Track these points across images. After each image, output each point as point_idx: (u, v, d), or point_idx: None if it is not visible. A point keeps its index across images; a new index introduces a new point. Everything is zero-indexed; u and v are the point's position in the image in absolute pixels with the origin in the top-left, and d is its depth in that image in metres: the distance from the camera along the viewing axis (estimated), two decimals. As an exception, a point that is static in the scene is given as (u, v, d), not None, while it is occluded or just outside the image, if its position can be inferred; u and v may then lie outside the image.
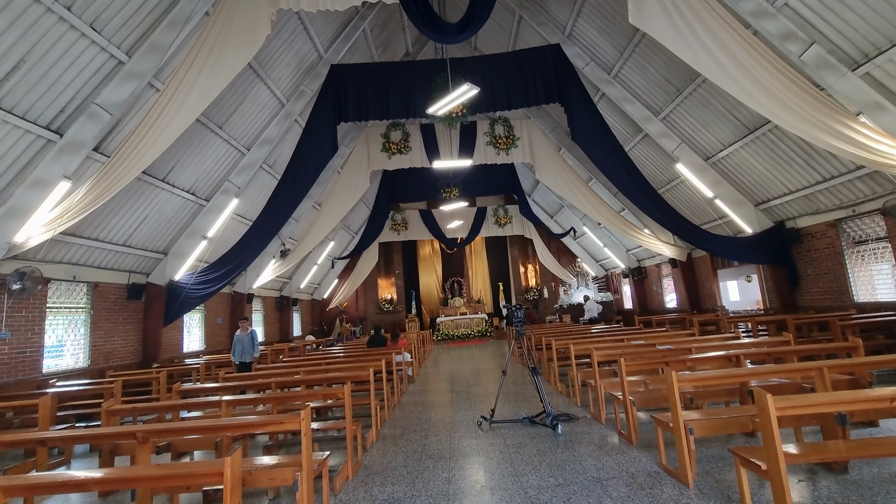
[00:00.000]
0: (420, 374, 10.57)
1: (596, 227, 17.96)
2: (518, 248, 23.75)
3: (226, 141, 9.84)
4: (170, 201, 9.53)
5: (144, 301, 10.07)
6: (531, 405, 6.35)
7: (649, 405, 4.47)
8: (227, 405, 3.99)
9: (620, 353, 4.76)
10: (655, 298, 16.89)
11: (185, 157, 9.14)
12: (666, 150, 10.54)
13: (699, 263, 13.78)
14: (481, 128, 14.27)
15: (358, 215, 19.54)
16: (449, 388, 8.40)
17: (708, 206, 10.65)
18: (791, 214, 9.68)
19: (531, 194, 20.19)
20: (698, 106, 9.46)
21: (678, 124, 10.28)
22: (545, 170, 13.84)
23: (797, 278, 9.72)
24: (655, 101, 10.28)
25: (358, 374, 5.29)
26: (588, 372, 6.13)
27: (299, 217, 14.62)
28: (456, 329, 20.89)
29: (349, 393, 4.05)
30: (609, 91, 10.71)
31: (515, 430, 5.17)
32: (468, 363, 12.27)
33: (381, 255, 22.15)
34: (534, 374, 5.30)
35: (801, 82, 6.14)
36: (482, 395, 7.52)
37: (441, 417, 6.11)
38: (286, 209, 10.22)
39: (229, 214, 10.75)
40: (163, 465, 2.18)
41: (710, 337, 6.16)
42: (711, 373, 3.47)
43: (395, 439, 5.19)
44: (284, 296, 17.88)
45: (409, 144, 14.18)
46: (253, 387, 5.45)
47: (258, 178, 11.52)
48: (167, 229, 10.02)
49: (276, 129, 10.75)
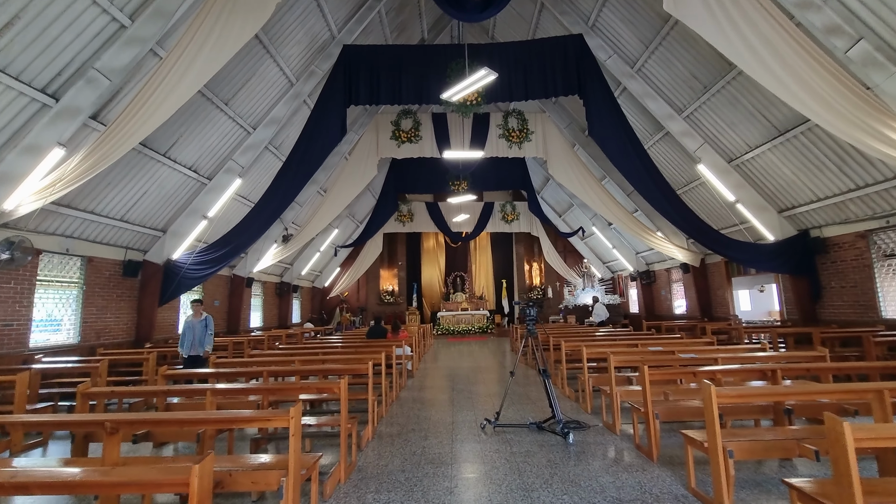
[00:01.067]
0: (420, 369, 10.24)
1: (605, 227, 17.55)
2: (524, 246, 23.35)
3: (231, 118, 9.48)
4: (171, 177, 9.20)
5: (140, 279, 9.76)
6: (538, 409, 6.00)
7: (671, 418, 4.10)
8: (212, 395, 3.66)
9: (640, 360, 4.39)
10: (663, 303, 16.48)
11: (188, 132, 8.79)
12: (687, 149, 10.11)
13: (713, 270, 13.36)
14: (494, 120, 13.85)
15: (364, 204, 19.19)
16: (449, 386, 8.06)
17: (728, 211, 10.22)
18: (817, 223, 9.25)
19: (540, 192, 19.75)
20: (726, 104, 9.01)
21: (702, 123, 9.84)
22: (558, 166, 13.41)
23: (819, 290, 9.30)
24: (680, 97, 9.84)
25: (356, 367, 4.95)
26: (601, 378, 5.77)
27: (304, 202, 14.28)
28: (457, 324, 20.59)
29: (346, 389, 3.71)
30: (631, 86, 10.27)
31: (522, 435, 4.82)
32: (469, 360, 11.94)
33: (385, 246, 21.80)
34: (544, 377, 4.94)
35: (845, 80, 5.70)
36: (484, 394, 7.18)
37: (441, 417, 5.77)
38: (290, 192, 9.87)
39: (231, 195, 10.40)
40: (118, 471, 1.85)
41: (734, 347, 5.78)
42: (753, 388, 3.10)
43: (393, 439, 4.85)
44: (285, 282, 17.58)
45: (420, 133, 13.77)
46: (245, 374, 5.12)
47: (263, 159, 11.16)
48: (167, 206, 9.69)
49: (284, 110, 10.37)
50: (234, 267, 13.82)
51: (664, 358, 4.96)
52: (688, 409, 3.95)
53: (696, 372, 4.00)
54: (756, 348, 5.65)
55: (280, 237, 14.07)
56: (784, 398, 3.35)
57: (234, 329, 13.57)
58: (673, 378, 4.58)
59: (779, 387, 3.10)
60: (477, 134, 13.73)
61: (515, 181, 17.77)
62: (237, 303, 13.75)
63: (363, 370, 4.87)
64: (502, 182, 17.94)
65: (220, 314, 13.31)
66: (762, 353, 5.02)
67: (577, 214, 18.78)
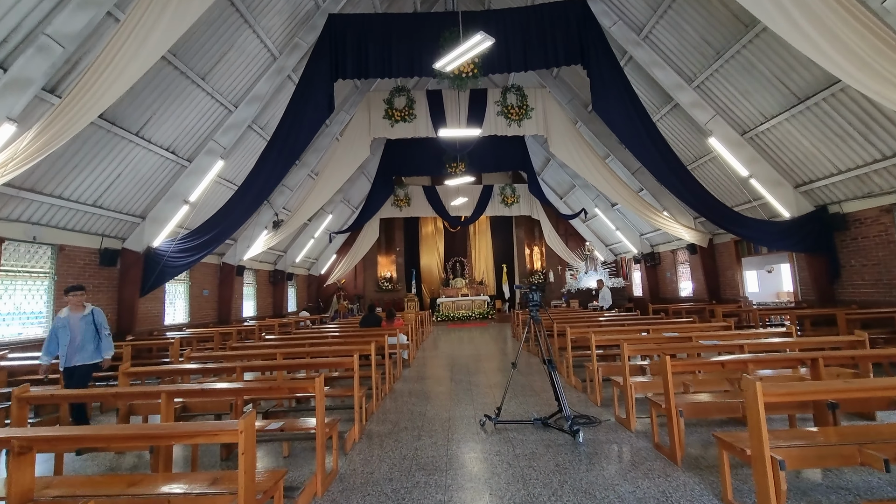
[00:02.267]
0: (417, 358, 9.78)
1: (608, 209, 16.97)
2: (524, 229, 22.79)
3: (209, 95, 8.83)
4: (146, 159, 8.59)
5: (120, 268, 9.23)
6: (542, 402, 5.52)
7: (697, 415, 3.61)
8: (168, 397, 3.15)
9: (658, 349, 3.88)
10: (669, 286, 15.99)
11: (161, 109, 8.15)
12: (698, 122, 9.48)
13: (721, 250, 12.82)
14: (492, 96, 13.17)
15: (359, 188, 18.57)
16: (448, 376, 7.59)
17: (741, 187, 9.64)
18: (836, 198, 8.68)
19: (541, 173, 19.11)
20: (740, 71, 8.37)
21: (714, 93, 9.20)
22: (560, 144, 12.78)
23: (838, 269, 8.78)
24: (690, 65, 9.18)
25: (339, 361, 4.44)
26: (612, 367, 5.27)
27: (294, 186, 13.68)
28: (457, 310, 20.14)
29: (321, 388, 3.20)
30: (637, 54, 9.59)
31: (525, 434, 4.34)
32: (468, 347, 11.49)
33: (382, 232, 21.26)
34: (550, 367, 4.44)
35: (882, 34, 5.09)
36: (484, 385, 6.70)
37: (437, 412, 5.29)
38: (276, 174, 9.29)
39: (214, 177, 9.80)
40: None
41: (756, 332, 5.28)
42: (807, 386, 2.59)
43: (383, 439, 4.37)
44: (279, 269, 17.07)
45: (414, 112, 13.11)
46: (220, 371, 4.62)
47: (246, 139, 10.54)
48: (144, 191, 9.10)
49: (267, 86, 9.71)
50: (223, 255, 13.29)
51: (683, 346, 4.46)
52: (716, 406, 3.46)
53: (725, 363, 3.50)
54: (780, 332, 5.14)
55: (270, 223, 13.51)
56: (843, 395, 2.83)
57: (226, 319, 13.10)
58: (696, 369, 4.08)
59: (835, 383, 2.59)
60: (474, 112, 13.07)
61: (515, 162, 17.12)
62: (227, 292, 13.25)
63: (348, 364, 4.37)
64: (501, 163, 17.29)
65: (210, 304, 12.82)
66: (791, 339, 4.52)
67: (580, 196, 18.17)
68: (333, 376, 6.06)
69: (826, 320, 8.27)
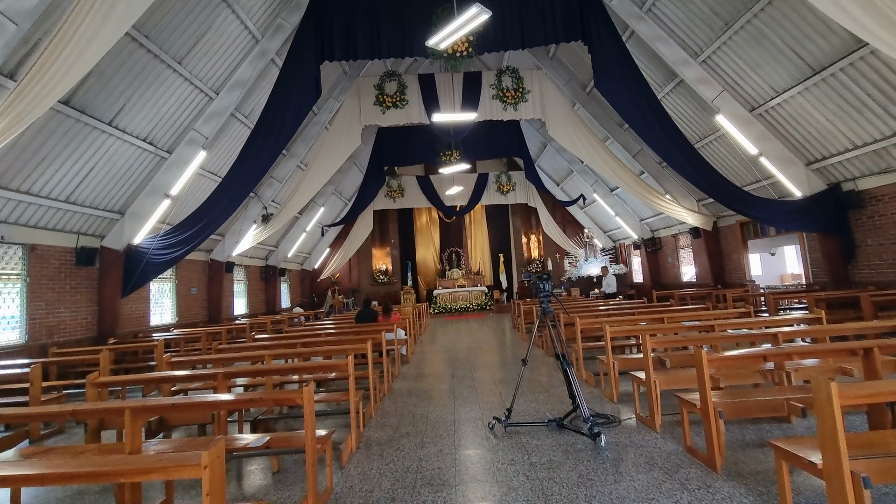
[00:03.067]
0: (416, 353, 9.38)
1: (608, 194, 16.56)
2: (521, 218, 22.36)
3: (188, 80, 8.27)
4: (121, 151, 8.05)
5: (99, 268, 8.72)
6: (553, 400, 5.13)
7: (739, 415, 3.23)
8: (133, 415, 2.71)
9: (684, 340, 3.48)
10: (670, 271, 15.67)
11: (135, 96, 7.60)
12: (705, 98, 9.04)
13: (726, 233, 12.47)
14: (487, 79, 12.68)
15: (350, 180, 18.03)
16: (449, 372, 7.19)
17: (751, 166, 9.24)
18: (850, 175, 8.31)
19: (537, 159, 18.63)
20: (750, 43, 7.93)
21: (721, 68, 8.76)
22: (558, 127, 12.33)
23: (853, 249, 8.44)
24: (696, 39, 8.72)
25: (333, 364, 4.01)
26: (629, 361, 4.88)
27: (283, 178, 13.14)
28: (454, 302, 19.77)
29: (311, 399, 2.77)
30: (640, 28, 9.10)
31: (540, 437, 3.95)
32: (468, 340, 11.11)
33: (376, 224, 20.73)
34: (564, 364, 4.03)
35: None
36: (488, 381, 6.31)
37: (441, 414, 4.89)
38: (261, 163, 8.78)
39: (196, 169, 9.26)
40: None
41: (785, 318, 4.90)
42: (889, 385, 2.20)
43: (383, 448, 3.96)
44: (270, 265, 16.56)
45: (406, 97, 12.60)
46: (196, 380, 4.18)
47: (230, 128, 9.98)
48: (122, 185, 8.57)
49: (250, 70, 9.14)
50: (210, 251, 12.77)
51: (712, 337, 4.06)
52: (759, 405, 3.08)
53: (768, 355, 3.12)
54: (810, 318, 4.76)
55: (259, 217, 12.98)
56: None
57: (216, 318, 12.62)
58: (737, 364, 3.69)
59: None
60: (468, 96, 12.57)
61: (511, 148, 16.63)
62: (217, 290, 12.76)
63: (342, 367, 3.94)
64: (497, 149, 16.81)
65: (199, 302, 12.33)
66: (826, 326, 4.14)
67: (577, 182, 17.74)
68: (329, 377, 5.64)
69: (842, 303, 7.95)
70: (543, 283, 4.20)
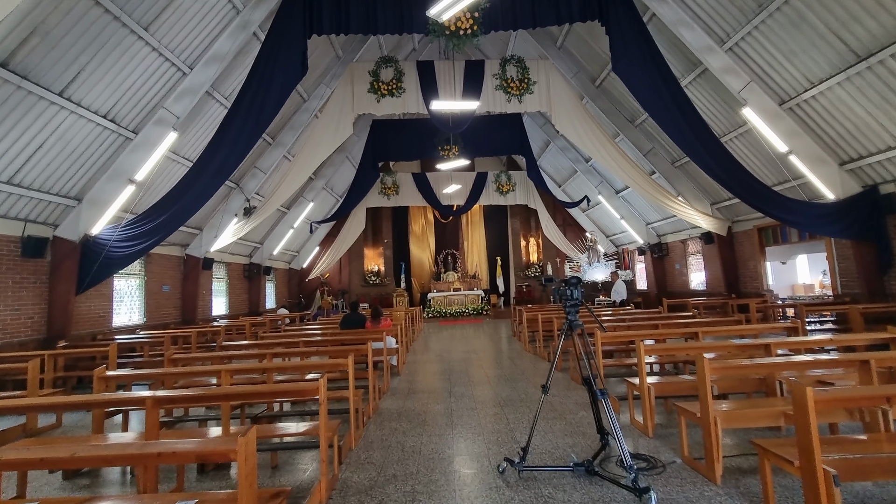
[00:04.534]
0: (407, 363, 8.45)
1: (613, 196, 15.79)
2: (520, 220, 21.54)
3: (156, 51, 7.32)
4: (76, 128, 7.07)
5: (50, 261, 7.72)
6: (572, 430, 4.24)
7: (860, 477, 2.36)
8: None
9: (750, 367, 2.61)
10: (678, 279, 14.88)
11: (92, 64, 6.63)
12: (730, 89, 8.24)
13: (741, 239, 11.70)
14: (490, 69, 11.80)
15: (342, 175, 17.11)
16: (445, 388, 6.28)
17: (779, 164, 8.45)
18: (889, 176, 7.54)
19: (539, 158, 17.82)
20: (786, 27, 7.14)
21: (750, 56, 7.97)
22: (565, 120, 11.48)
23: (890, 258, 7.66)
24: (722, 23, 7.93)
25: (300, 387, 3.09)
26: (667, 385, 4.01)
27: (268, 169, 12.19)
28: (449, 306, 18.85)
29: (251, 450, 1.85)
30: (661, 11, 8.28)
31: (566, 488, 3.06)
32: (464, 348, 10.20)
33: (369, 222, 19.78)
34: (599, 394, 3.14)
35: None
36: (491, 402, 5.41)
37: (437, 447, 3.98)
38: (240, 147, 7.83)
39: (165, 153, 8.31)
40: None
41: (858, 336, 4.05)
42: None
43: (362, 500, 3.04)
44: (254, 263, 15.57)
45: (403, 85, 11.67)
46: (127, 404, 3.24)
47: (205, 108, 9.04)
48: (78, 167, 7.58)
49: (229, 44, 8.20)
50: (186, 246, 11.77)
51: (788, 364, 3.20)
52: (879, 462, 2.21)
53: (892, 396, 2.26)
54: (886, 337, 3.92)
55: (241, 210, 12.01)
56: None
57: (191, 319, 11.61)
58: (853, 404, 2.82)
59: None
60: (470, 85, 11.69)
61: (512, 145, 15.76)
62: (192, 288, 11.75)
63: (309, 391, 3.02)
64: (498, 146, 15.95)
65: (172, 301, 11.31)
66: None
67: (581, 183, 16.96)
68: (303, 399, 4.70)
69: (876, 318, 7.18)
70: (570, 290, 3.31)
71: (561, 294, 3.39)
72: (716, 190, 11.67)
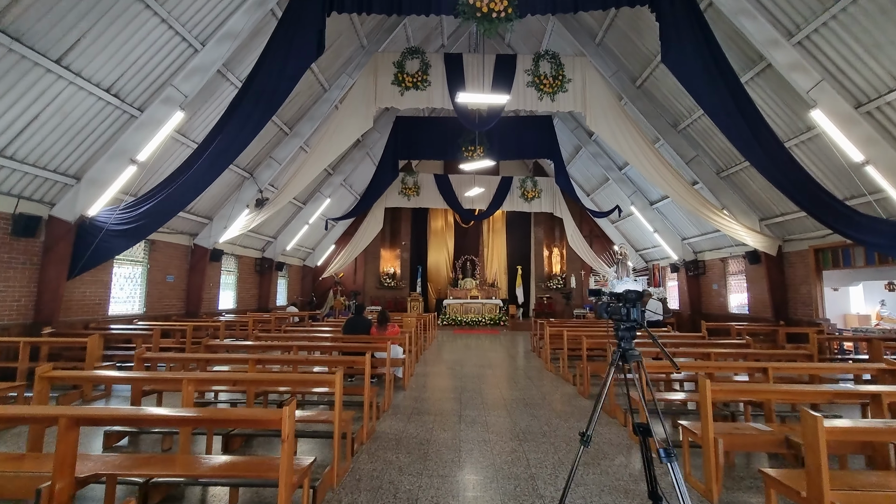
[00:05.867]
0: (415, 375, 7.67)
1: (646, 207, 14.75)
2: (544, 228, 20.58)
3: (165, 22, 6.81)
4: (76, 100, 6.60)
5: (44, 241, 7.26)
6: (615, 487, 3.37)
7: None
8: None
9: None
10: (715, 300, 13.72)
11: (93, 32, 6.13)
12: (798, 89, 7.24)
13: (794, 260, 10.55)
14: (522, 64, 11.03)
15: (362, 173, 16.56)
16: (454, 411, 5.47)
17: (853, 176, 7.38)
18: None
19: (568, 164, 16.89)
20: (870, 17, 6.16)
21: (822, 51, 6.99)
22: (601, 122, 10.60)
23: None
24: (792, 13, 6.98)
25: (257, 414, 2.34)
26: (738, 437, 3.12)
27: (283, 160, 11.67)
28: (465, 314, 18.01)
29: None
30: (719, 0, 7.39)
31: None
32: (479, 361, 9.37)
33: (387, 223, 19.12)
34: (664, 457, 2.29)
35: None
36: (507, 432, 4.58)
37: (439, 495, 3.20)
38: (249, 127, 7.24)
39: (171, 133, 7.80)
40: None
41: None
42: None
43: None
44: (267, 257, 15.09)
45: (429, 78, 11.00)
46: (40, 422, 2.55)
47: (216, 88, 8.51)
48: (78, 143, 7.11)
49: (245, 21, 7.66)
50: (195, 235, 11.31)
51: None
52: None
53: None
54: None
55: (253, 201, 11.50)
56: None
57: (195, 311, 11.11)
58: None
59: None
60: (500, 81, 10.93)
61: (541, 148, 14.88)
62: (198, 279, 11.26)
63: (271, 423, 2.27)
64: (525, 149, 15.10)
65: (176, 292, 10.82)
66: None
67: (612, 192, 15.97)
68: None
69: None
70: (628, 307, 2.48)
71: (612, 312, 2.56)
72: (766, 205, 10.58)
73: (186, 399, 3.28)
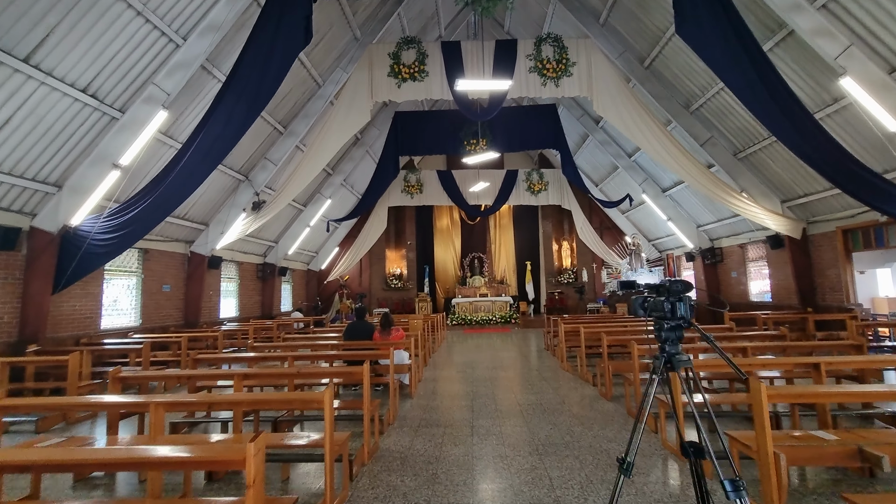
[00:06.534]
0: (424, 380, 7.20)
1: (659, 195, 14.15)
2: (552, 222, 20.02)
3: (141, 16, 6.39)
4: (49, 102, 6.20)
5: (26, 254, 6.89)
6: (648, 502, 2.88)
7: None
8: None
9: None
10: (734, 288, 13.10)
11: (63, 26, 5.73)
12: (825, 56, 6.66)
13: (820, 242, 9.93)
14: (523, 49, 10.52)
15: (363, 172, 16.09)
16: (466, 421, 4.99)
17: (889, 147, 6.79)
18: None
19: (575, 154, 16.32)
20: (908, -32, 5.57)
21: (851, 12, 6.41)
22: (608, 105, 10.07)
23: None
24: (817, -27, 6.40)
25: (221, 455, 1.88)
26: (803, 452, 2.61)
27: (279, 160, 11.25)
28: (475, 313, 17.53)
29: None
30: (736, -37, 6.81)
31: None
32: (491, 361, 8.89)
33: (391, 222, 18.69)
34: (730, 493, 1.79)
35: None
36: (525, 446, 4.09)
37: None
38: (234, 124, 6.80)
39: (154, 133, 7.39)
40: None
41: None
42: None
43: None
44: (269, 263, 14.70)
45: (426, 68, 10.53)
46: None
47: (200, 84, 8.07)
48: (57, 149, 6.73)
49: (227, 11, 7.22)
50: (191, 242, 10.93)
51: None
52: None
53: None
54: None
55: (249, 204, 11.10)
56: None
57: (194, 321, 10.73)
58: None
59: None
60: (501, 67, 10.42)
61: (546, 138, 14.35)
62: (197, 288, 10.88)
63: (233, 463, 1.82)
64: (529, 139, 14.59)
65: (173, 302, 10.44)
66: None
67: (622, 180, 15.38)
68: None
69: None
70: (673, 301, 1.99)
71: (651, 308, 2.07)
72: (788, 185, 9.98)
73: (156, 426, 2.83)
